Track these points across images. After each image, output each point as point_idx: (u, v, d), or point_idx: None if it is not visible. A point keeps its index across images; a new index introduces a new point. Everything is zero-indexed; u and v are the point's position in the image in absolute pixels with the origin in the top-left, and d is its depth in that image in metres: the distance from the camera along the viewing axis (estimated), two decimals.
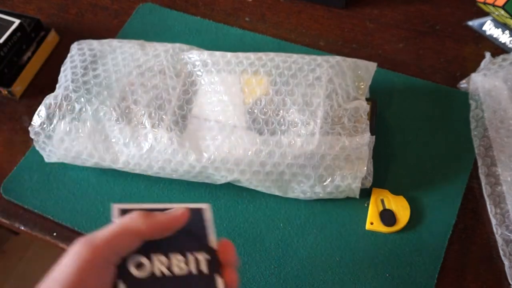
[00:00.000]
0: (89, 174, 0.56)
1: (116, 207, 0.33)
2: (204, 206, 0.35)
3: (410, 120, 0.57)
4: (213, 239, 0.34)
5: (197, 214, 0.34)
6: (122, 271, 0.30)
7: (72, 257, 0.29)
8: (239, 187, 0.53)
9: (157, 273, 0.31)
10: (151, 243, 0.32)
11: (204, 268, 0.32)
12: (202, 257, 0.32)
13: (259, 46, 0.65)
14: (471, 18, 0.66)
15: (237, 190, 0.53)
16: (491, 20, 0.64)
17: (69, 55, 0.57)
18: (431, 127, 0.57)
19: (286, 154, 0.48)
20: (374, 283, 0.48)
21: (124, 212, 0.33)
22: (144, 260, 0.31)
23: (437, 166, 0.54)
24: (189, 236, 0.33)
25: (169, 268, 0.31)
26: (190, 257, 0.32)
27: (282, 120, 0.50)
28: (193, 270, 0.32)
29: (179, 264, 0.32)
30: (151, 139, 0.50)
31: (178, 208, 0.33)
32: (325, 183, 0.49)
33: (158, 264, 0.31)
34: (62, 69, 0.56)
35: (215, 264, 0.32)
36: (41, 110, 0.52)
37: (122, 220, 0.31)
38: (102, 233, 0.30)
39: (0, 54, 0.61)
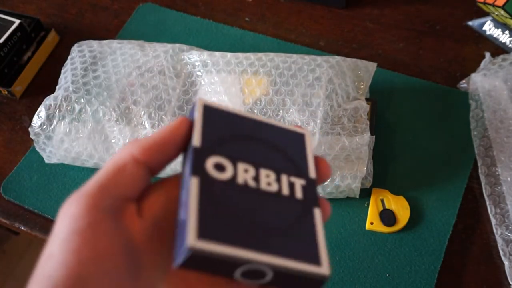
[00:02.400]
0: (89, 174, 0.56)
1: (201, 102, 0.26)
2: (304, 131, 0.28)
3: (410, 120, 0.57)
4: (312, 168, 0.27)
5: (295, 139, 0.28)
6: (196, 164, 0.23)
7: (63, 221, 0.22)
8: None
9: (239, 180, 0.24)
10: (238, 150, 0.25)
11: (298, 193, 0.25)
12: (298, 181, 0.26)
13: (259, 46, 0.65)
14: (471, 18, 0.66)
15: None
16: (491, 20, 0.64)
17: (69, 57, 0.57)
18: (431, 127, 0.57)
19: None
20: (374, 283, 0.48)
21: (208, 110, 0.26)
22: (226, 162, 0.24)
23: (437, 166, 0.54)
24: (285, 159, 0.26)
25: (255, 180, 0.24)
26: (284, 178, 0.25)
27: (282, 120, 0.50)
28: (285, 191, 0.25)
29: (268, 180, 0.25)
30: None
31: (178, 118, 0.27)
32: (325, 183, 0.49)
33: (243, 172, 0.24)
34: (62, 71, 0.56)
35: (313, 193, 0.26)
36: (41, 111, 0.52)
37: (111, 158, 0.25)
38: (92, 179, 0.23)
39: (0, 54, 0.61)
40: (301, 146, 0.28)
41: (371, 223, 0.50)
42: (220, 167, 0.24)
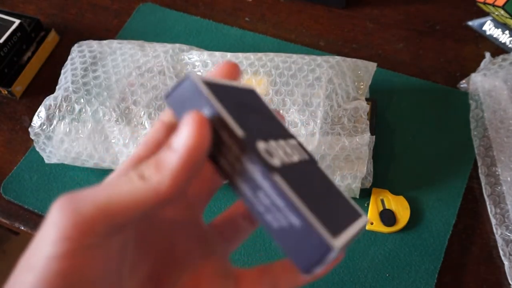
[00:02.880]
0: (89, 174, 0.56)
1: (200, 81, 0.21)
2: (251, 87, 0.26)
3: (410, 120, 0.57)
4: (282, 119, 0.26)
5: (255, 97, 0.25)
6: (263, 161, 0.20)
7: (50, 235, 0.19)
8: None
9: (285, 159, 0.22)
10: (256, 125, 0.22)
11: (303, 154, 0.24)
12: (293, 142, 0.25)
13: (259, 46, 0.65)
14: (471, 18, 0.66)
15: None
16: (491, 20, 0.64)
17: (69, 57, 0.57)
18: (431, 127, 0.57)
19: None
20: (374, 283, 0.48)
21: (213, 88, 0.21)
22: (272, 145, 0.22)
23: (437, 166, 0.54)
24: (273, 122, 0.25)
25: (287, 154, 0.23)
26: (289, 144, 0.24)
27: None
28: (298, 155, 0.24)
29: (287, 151, 0.23)
30: None
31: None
32: None
33: (277, 151, 0.22)
34: (62, 71, 0.56)
35: (304, 148, 0.25)
36: (41, 111, 0.52)
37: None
38: (89, 194, 0.20)
39: (0, 54, 0.61)
40: (262, 102, 0.25)
41: (371, 223, 0.50)
42: (270, 153, 0.21)
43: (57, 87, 0.55)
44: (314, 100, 0.50)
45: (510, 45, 0.62)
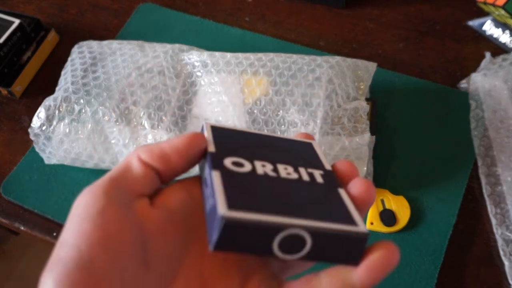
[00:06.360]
0: (89, 174, 0.56)
1: (207, 125, 0.27)
2: (311, 140, 0.29)
3: (410, 120, 0.57)
4: (327, 164, 0.27)
5: (305, 147, 0.28)
6: (215, 162, 0.24)
7: (76, 210, 0.22)
8: None
9: (259, 171, 0.24)
10: (253, 153, 0.26)
11: (319, 179, 0.25)
12: (316, 171, 0.26)
13: (259, 46, 0.65)
14: (471, 18, 0.66)
15: None
16: (491, 20, 0.64)
17: (69, 58, 0.57)
18: (431, 127, 0.57)
19: None
20: None
21: (216, 130, 0.27)
22: (243, 161, 0.25)
23: (437, 166, 0.54)
24: (299, 158, 0.27)
25: (275, 171, 0.25)
26: (302, 169, 0.26)
27: (282, 120, 0.50)
28: (305, 178, 0.25)
29: (287, 171, 0.25)
30: (151, 140, 0.50)
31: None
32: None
33: (261, 167, 0.25)
34: (62, 72, 0.56)
35: (333, 179, 0.26)
36: (41, 112, 0.52)
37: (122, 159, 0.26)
38: (104, 175, 0.24)
39: (0, 54, 0.61)
40: (312, 152, 0.28)
41: (371, 223, 0.50)
42: (238, 164, 0.25)
43: (56, 88, 0.55)
44: (314, 100, 0.50)
45: (510, 45, 0.62)
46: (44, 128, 0.52)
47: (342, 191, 0.25)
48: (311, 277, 0.23)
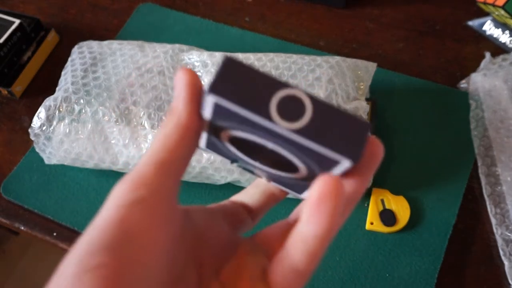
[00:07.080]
0: (89, 175, 0.56)
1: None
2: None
3: (410, 120, 0.57)
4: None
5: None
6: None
7: (109, 200, 0.20)
8: (239, 188, 0.53)
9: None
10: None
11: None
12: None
13: (259, 46, 0.65)
14: (471, 18, 0.66)
15: (238, 191, 0.53)
16: (491, 20, 0.64)
17: (69, 59, 0.57)
18: (431, 127, 0.57)
19: None
20: (374, 283, 0.48)
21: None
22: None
23: (437, 166, 0.54)
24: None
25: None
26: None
27: None
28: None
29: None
30: (151, 140, 0.50)
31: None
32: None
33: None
34: (62, 72, 0.56)
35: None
36: (41, 112, 0.52)
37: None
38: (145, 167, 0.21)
39: (0, 54, 0.61)
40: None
41: (371, 223, 0.50)
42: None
43: (57, 89, 0.55)
44: None
45: (510, 45, 0.62)
46: (44, 128, 0.52)
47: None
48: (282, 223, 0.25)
